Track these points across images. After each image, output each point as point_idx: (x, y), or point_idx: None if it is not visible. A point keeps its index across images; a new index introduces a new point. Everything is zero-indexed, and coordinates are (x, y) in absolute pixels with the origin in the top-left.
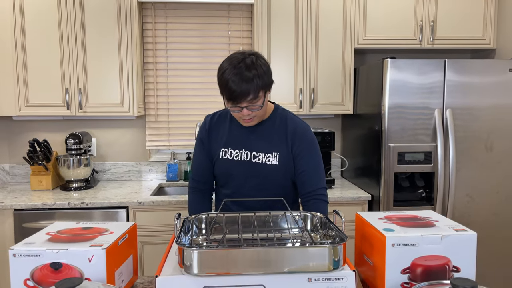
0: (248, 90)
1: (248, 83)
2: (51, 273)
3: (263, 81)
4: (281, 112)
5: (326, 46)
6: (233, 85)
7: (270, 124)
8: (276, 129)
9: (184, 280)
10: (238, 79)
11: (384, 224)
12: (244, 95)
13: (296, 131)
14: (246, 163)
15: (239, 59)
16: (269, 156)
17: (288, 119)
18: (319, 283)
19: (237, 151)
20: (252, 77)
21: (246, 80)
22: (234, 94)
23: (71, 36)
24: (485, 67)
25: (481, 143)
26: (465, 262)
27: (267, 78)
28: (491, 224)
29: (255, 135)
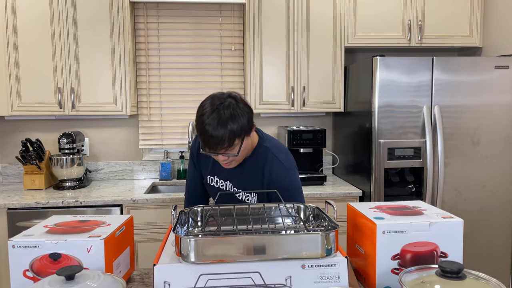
0: (223, 139)
1: (223, 132)
2: (50, 264)
3: (239, 129)
4: (263, 150)
5: (316, 45)
6: (208, 132)
7: (252, 161)
8: (256, 169)
9: (182, 268)
10: (213, 127)
11: (374, 213)
12: (218, 143)
13: (275, 174)
14: (231, 194)
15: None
16: (248, 196)
17: (268, 159)
18: (313, 269)
19: (222, 182)
20: (222, 132)
21: (221, 128)
22: (209, 141)
23: (63, 36)
24: (472, 65)
25: (468, 139)
26: (453, 248)
27: (245, 125)
28: (479, 218)
29: (237, 171)
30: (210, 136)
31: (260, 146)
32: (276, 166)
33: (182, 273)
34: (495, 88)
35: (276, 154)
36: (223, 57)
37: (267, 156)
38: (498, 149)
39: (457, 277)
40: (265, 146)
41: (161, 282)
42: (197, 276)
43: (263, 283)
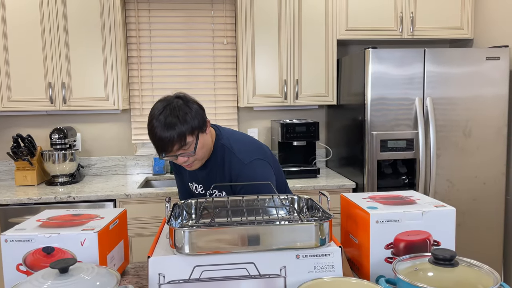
0: (171, 140)
1: (172, 132)
2: (44, 258)
3: (189, 127)
4: (220, 148)
5: (309, 37)
6: (157, 135)
7: (212, 162)
8: (218, 169)
9: (176, 260)
10: (161, 130)
11: (368, 203)
12: (169, 145)
13: (232, 175)
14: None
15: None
16: (220, 194)
17: (225, 159)
18: (307, 259)
19: (200, 186)
20: (171, 134)
21: (165, 140)
22: (160, 145)
23: (54, 30)
24: (463, 56)
25: (460, 130)
26: (445, 236)
27: (195, 122)
28: (471, 208)
29: (204, 174)
30: (159, 139)
31: (217, 145)
32: (234, 163)
33: (177, 265)
34: (486, 79)
35: (233, 150)
36: (215, 50)
37: (224, 153)
38: (490, 140)
39: (449, 264)
40: (221, 144)
41: (155, 274)
42: (191, 268)
43: (258, 273)
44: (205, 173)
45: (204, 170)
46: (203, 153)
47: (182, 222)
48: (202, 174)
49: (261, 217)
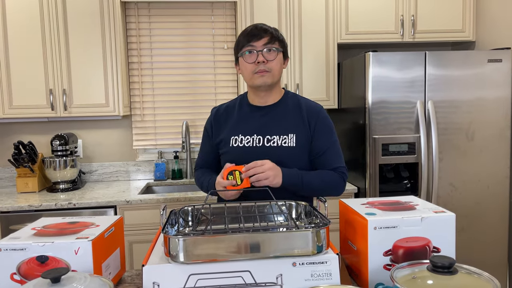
0: (266, 31)
1: (264, 30)
2: (38, 266)
3: (279, 35)
4: (292, 95)
5: (309, 41)
6: (249, 31)
7: (282, 106)
8: (290, 110)
9: (171, 268)
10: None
11: (366, 209)
12: (262, 33)
13: (312, 110)
14: (259, 148)
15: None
16: (285, 138)
17: (301, 100)
18: (304, 267)
19: (248, 137)
20: (268, 28)
21: (262, 29)
22: (252, 32)
23: (54, 37)
24: (465, 58)
25: (463, 133)
26: (445, 242)
27: (283, 39)
28: (474, 213)
29: (267, 119)
30: (255, 26)
31: (287, 94)
32: (313, 104)
33: (172, 273)
34: (488, 81)
35: (305, 98)
36: (216, 55)
37: (298, 98)
38: (493, 143)
39: (448, 272)
40: (293, 93)
41: (150, 283)
42: (186, 276)
43: (254, 281)
44: (269, 118)
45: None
46: (278, 73)
47: (178, 229)
48: (265, 119)
49: (258, 223)
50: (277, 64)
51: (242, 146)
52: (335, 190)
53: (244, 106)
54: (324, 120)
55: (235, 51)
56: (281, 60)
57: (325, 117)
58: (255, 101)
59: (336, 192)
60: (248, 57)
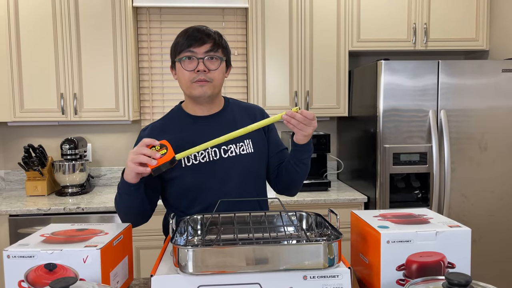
0: (209, 35)
1: (207, 34)
2: (46, 274)
3: (222, 41)
4: (232, 100)
5: (320, 49)
6: (189, 34)
7: (228, 113)
8: (237, 115)
9: (179, 279)
10: (196, 31)
11: (379, 221)
12: (204, 38)
13: (257, 111)
14: (218, 162)
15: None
16: (241, 145)
17: (242, 104)
18: (315, 280)
19: (202, 152)
20: (211, 33)
21: (204, 32)
22: (193, 35)
23: (66, 41)
24: (478, 68)
25: (475, 143)
26: (460, 258)
27: (226, 45)
28: (487, 224)
29: (216, 128)
30: (197, 29)
31: (228, 100)
32: (255, 106)
33: (180, 284)
34: (502, 91)
35: (245, 102)
36: None
37: (240, 103)
38: (506, 153)
39: None
40: (232, 99)
41: None
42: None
43: None
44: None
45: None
46: (219, 82)
47: (187, 238)
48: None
49: (268, 234)
50: (219, 74)
51: (198, 163)
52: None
53: (185, 118)
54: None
55: (171, 53)
56: (223, 69)
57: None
58: (196, 111)
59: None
60: (187, 64)
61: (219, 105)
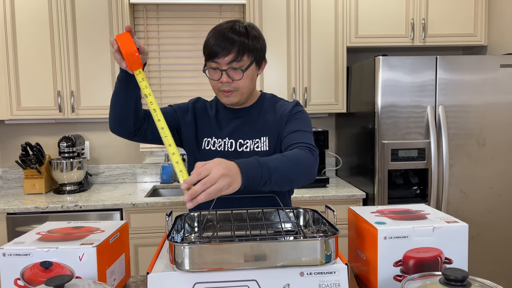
0: (233, 42)
1: (231, 41)
2: (42, 272)
3: (249, 43)
4: (269, 96)
5: (318, 45)
6: (214, 41)
7: (256, 108)
8: (265, 112)
9: (176, 276)
10: (221, 38)
11: (376, 217)
12: (228, 46)
13: (286, 108)
14: (231, 153)
15: (228, 24)
16: (257, 142)
17: (277, 101)
18: (312, 277)
19: (220, 140)
20: (236, 38)
21: (229, 39)
22: (214, 48)
23: (62, 39)
24: (477, 63)
25: (474, 139)
26: (457, 253)
27: (256, 43)
28: (485, 220)
29: (240, 122)
30: (222, 36)
31: (264, 95)
32: (289, 104)
33: (177, 281)
34: (500, 87)
35: (283, 99)
36: None
37: (275, 99)
38: (505, 149)
39: (461, 285)
40: (271, 94)
41: None
42: (191, 285)
43: None
44: (241, 121)
45: (241, 118)
46: (248, 88)
47: (184, 235)
48: (237, 122)
49: (265, 231)
50: (245, 82)
51: (214, 149)
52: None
53: (219, 107)
54: (296, 113)
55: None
56: (251, 73)
57: (298, 111)
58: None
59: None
60: (212, 74)
61: (251, 100)
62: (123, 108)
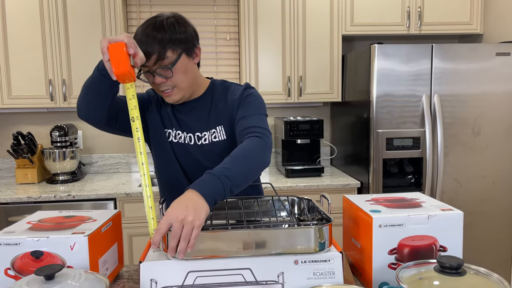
0: (150, 47)
1: (151, 41)
2: (32, 262)
3: (169, 37)
4: (219, 83)
5: (313, 33)
6: (140, 39)
7: (206, 98)
8: (216, 100)
9: (169, 265)
10: (142, 41)
11: (371, 206)
12: (147, 52)
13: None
14: (193, 147)
15: (146, 23)
16: (214, 132)
17: (228, 87)
18: (306, 265)
19: (180, 133)
20: (156, 35)
21: (148, 40)
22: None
23: (54, 27)
24: (473, 52)
25: (469, 128)
26: (452, 241)
27: (177, 35)
28: (479, 209)
29: (192, 115)
30: (141, 39)
31: (213, 83)
32: (241, 88)
33: (170, 270)
34: (496, 75)
35: (234, 84)
36: (218, 46)
37: (226, 85)
38: (499, 138)
39: (456, 273)
40: (221, 81)
41: (147, 280)
42: (185, 273)
43: (254, 279)
44: (195, 113)
45: (194, 110)
46: (186, 82)
47: None
48: (191, 115)
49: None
50: (180, 77)
51: (176, 142)
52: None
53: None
54: (247, 97)
55: None
56: (182, 66)
57: (249, 94)
58: None
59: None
60: (147, 76)
61: (199, 91)
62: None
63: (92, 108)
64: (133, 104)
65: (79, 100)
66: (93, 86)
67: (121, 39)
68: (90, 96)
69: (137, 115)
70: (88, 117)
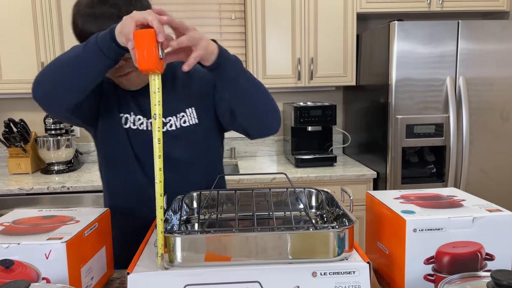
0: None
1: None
2: (2, 273)
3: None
4: (177, 63)
5: (325, 11)
6: (81, 25)
7: (168, 78)
8: (182, 80)
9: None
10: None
11: (401, 205)
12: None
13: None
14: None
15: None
16: (183, 116)
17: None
18: (326, 277)
19: (140, 118)
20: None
21: (93, 18)
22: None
23: (46, 7)
24: (502, 30)
25: (497, 114)
26: (500, 248)
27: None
28: (507, 202)
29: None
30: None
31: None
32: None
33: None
34: None
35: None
36: (223, 26)
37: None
38: None
39: None
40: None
41: None
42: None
43: None
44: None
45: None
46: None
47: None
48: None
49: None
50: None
51: (136, 129)
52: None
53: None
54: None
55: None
56: None
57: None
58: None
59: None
60: None
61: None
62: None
63: (69, 91)
64: (157, 99)
65: (43, 79)
66: (85, 64)
67: (150, 20)
68: (74, 76)
69: (160, 112)
70: (57, 102)
